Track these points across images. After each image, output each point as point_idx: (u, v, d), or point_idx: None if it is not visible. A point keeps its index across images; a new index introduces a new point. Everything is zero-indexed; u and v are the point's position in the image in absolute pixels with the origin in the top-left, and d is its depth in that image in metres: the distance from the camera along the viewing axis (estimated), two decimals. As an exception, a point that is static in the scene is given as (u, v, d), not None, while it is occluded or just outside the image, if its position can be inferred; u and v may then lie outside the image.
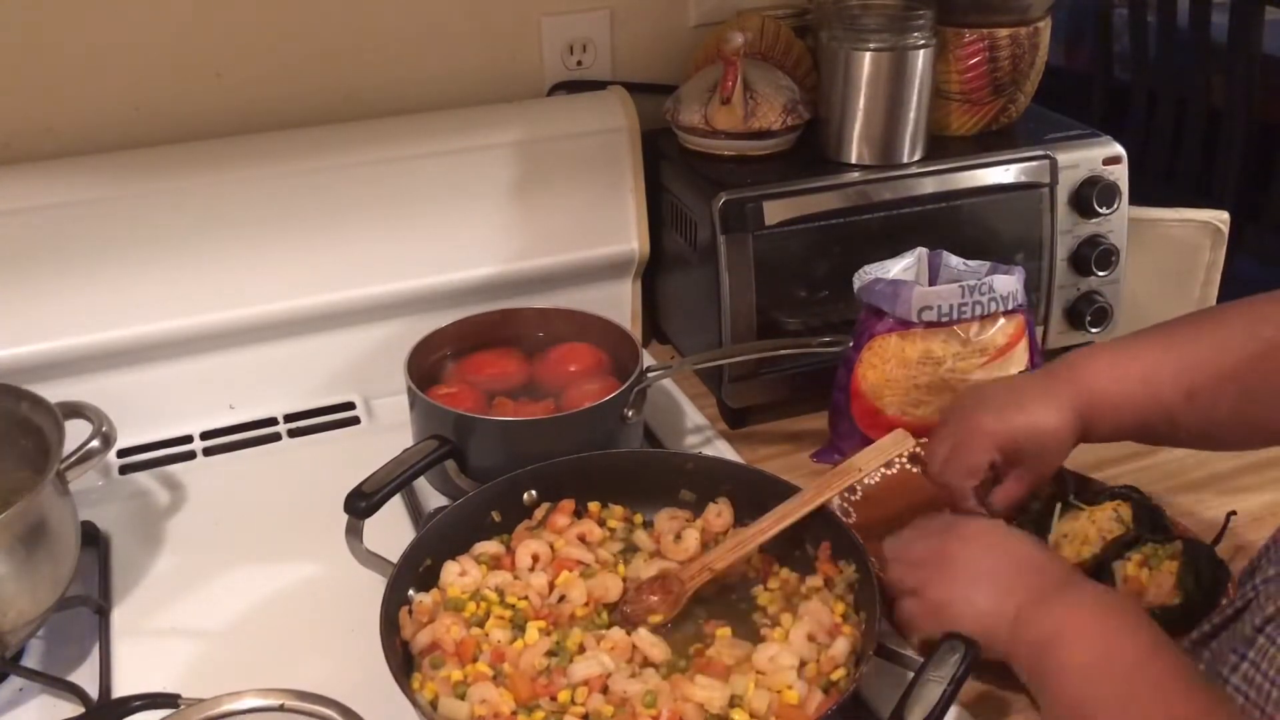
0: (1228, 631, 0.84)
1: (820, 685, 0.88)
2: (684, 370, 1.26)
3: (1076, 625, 0.83)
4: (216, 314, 1.26)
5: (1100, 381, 0.97)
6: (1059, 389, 0.98)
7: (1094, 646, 0.81)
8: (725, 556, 0.98)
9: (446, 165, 1.31)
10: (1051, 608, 0.85)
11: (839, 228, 1.25)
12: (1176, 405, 0.94)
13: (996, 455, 0.99)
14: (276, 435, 1.31)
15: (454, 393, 1.17)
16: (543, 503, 1.06)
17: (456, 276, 1.33)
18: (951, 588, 0.91)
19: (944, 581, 0.92)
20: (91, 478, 1.15)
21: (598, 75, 1.43)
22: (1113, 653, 0.80)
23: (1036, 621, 0.85)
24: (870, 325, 1.18)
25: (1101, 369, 0.98)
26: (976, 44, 1.29)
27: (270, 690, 0.79)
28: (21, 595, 0.95)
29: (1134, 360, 0.98)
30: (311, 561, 1.10)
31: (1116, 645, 0.80)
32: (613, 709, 0.87)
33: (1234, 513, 1.07)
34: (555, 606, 0.97)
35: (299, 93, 1.32)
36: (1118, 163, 1.32)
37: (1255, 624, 0.79)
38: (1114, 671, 0.79)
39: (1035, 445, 0.98)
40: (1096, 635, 0.82)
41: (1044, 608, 0.85)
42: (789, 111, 1.29)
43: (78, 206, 1.19)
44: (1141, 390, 0.96)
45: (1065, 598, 0.86)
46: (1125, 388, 0.96)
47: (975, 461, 0.99)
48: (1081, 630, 0.83)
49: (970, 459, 0.99)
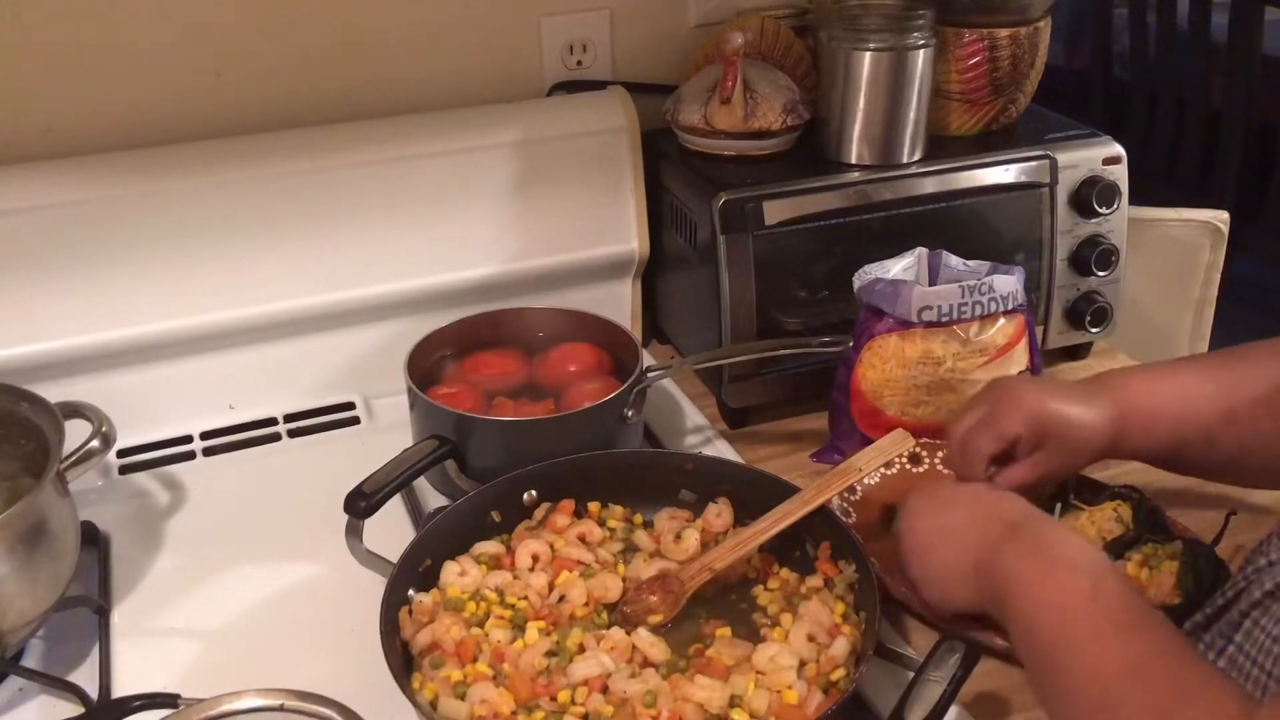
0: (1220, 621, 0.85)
1: (820, 685, 0.88)
2: (684, 370, 1.26)
3: (1020, 573, 0.83)
4: (216, 314, 1.26)
5: (1137, 394, 0.98)
6: (1100, 394, 0.99)
7: (1033, 593, 0.81)
8: (725, 556, 0.98)
9: (446, 165, 1.31)
10: (1000, 558, 0.85)
11: (839, 228, 1.25)
12: (1215, 425, 0.94)
13: (1024, 429, 0.97)
14: (276, 435, 1.31)
15: (454, 393, 1.17)
16: (543, 503, 1.06)
17: (456, 276, 1.33)
18: (920, 561, 0.95)
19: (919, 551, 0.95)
20: (91, 478, 1.15)
21: (598, 75, 1.43)
22: (1051, 598, 0.80)
23: (989, 573, 0.86)
24: (870, 325, 1.18)
25: (1139, 383, 0.99)
26: (976, 44, 1.29)
27: (270, 690, 0.79)
28: (21, 595, 0.95)
29: (1171, 380, 0.98)
30: (311, 561, 1.10)
31: (1054, 590, 0.80)
32: (613, 709, 0.87)
33: (1234, 513, 1.07)
34: (555, 606, 0.97)
35: (299, 93, 1.32)
36: (1118, 163, 1.32)
37: (1242, 609, 0.80)
38: (1058, 616, 0.78)
39: (1062, 431, 0.97)
40: (1036, 581, 0.82)
41: (994, 559, 0.86)
42: (789, 111, 1.29)
43: (78, 206, 1.19)
44: (1178, 406, 0.96)
45: (1012, 545, 0.86)
46: (1162, 402, 0.97)
47: (1004, 429, 0.98)
48: (1024, 578, 0.83)
49: (1000, 426, 0.98)
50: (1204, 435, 0.95)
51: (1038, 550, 0.85)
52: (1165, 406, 0.97)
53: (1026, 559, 0.84)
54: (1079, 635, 0.77)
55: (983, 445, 0.99)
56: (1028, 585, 0.82)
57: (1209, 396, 0.95)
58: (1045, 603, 0.80)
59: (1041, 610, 0.80)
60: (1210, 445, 0.95)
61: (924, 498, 0.99)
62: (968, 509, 0.94)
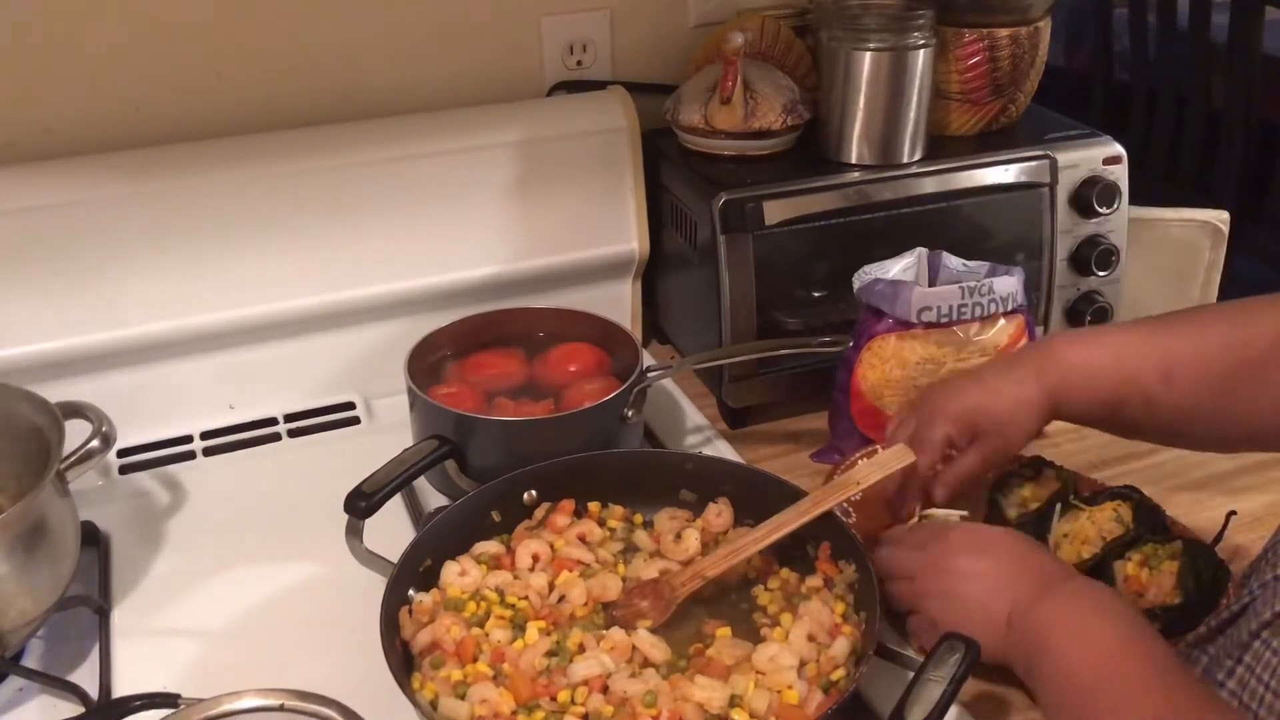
0: (1225, 636, 0.84)
1: (820, 685, 0.88)
2: (684, 370, 1.26)
3: (1060, 625, 0.83)
4: (216, 314, 1.26)
5: (1074, 356, 0.97)
6: (1025, 364, 0.99)
7: (1075, 646, 0.81)
8: (718, 564, 0.98)
9: (446, 165, 1.31)
10: (1037, 609, 0.85)
11: (839, 228, 1.25)
12: (1154, 387, 0.93)
13: (952, 429, 0.99)
14: (276, 435, 1.31)
15: (454, 393, 1.17)
16: (543, 503, 1.06)
17: (456, 276, 1.33)
18: (945, 602, 0.92)
19: (936, 595, 0.93)
20: (91, 478, 1.15)
21: (598, 75, 1.43)
22: (1092, 651, 0.80)
23: (1024, 624, 0.85)
24: (870, 325, 1.18)
25: (1077, 346, 0.98)
26: (976, 44, 1.29)
27: (270, 690, 0.79)
28: (21, 595, 0.95)
29: (1112, 341, 0.97)
30: (311, 561, 1.10)
31: (1097, 643, 0.80)
32: (613, 709, 0.87)
33: (1234, 513, 1.07)
34: (555, 606, 0.97)
35: (299, 93, 1.32)
36: (1118, 163, 1.32)
37: (1251, 629, 0.79)
38: (1093, 671, 0.78)
39: (990, 419, 0.99)
40: (1078, 634, 0.82)
41: (1030, 610, 0.85)
42: (789, 111, 1.29)
43: (78, 206, 1.19)
44: (1117, 367, 0.95)
45: (1050, 598, 0.86)
46: (1102, 364, 0.96)
47: (929, 436, 1.00)
48: (1064, 629, 0.83)
49: (926, 435, 1.00)
50: (1142, 396, 0.94)
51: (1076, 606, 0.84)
52: (1101, 370, 0.96)
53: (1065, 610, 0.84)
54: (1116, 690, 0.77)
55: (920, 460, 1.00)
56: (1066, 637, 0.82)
57: (1147, 357, 0.94)
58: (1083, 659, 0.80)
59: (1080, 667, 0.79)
60: (1149, 406, 0.94)
61: (964, 535, 0.97)
62: (1006, 560, 0.92)
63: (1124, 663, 0.79)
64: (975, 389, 1.00)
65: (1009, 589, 0.88)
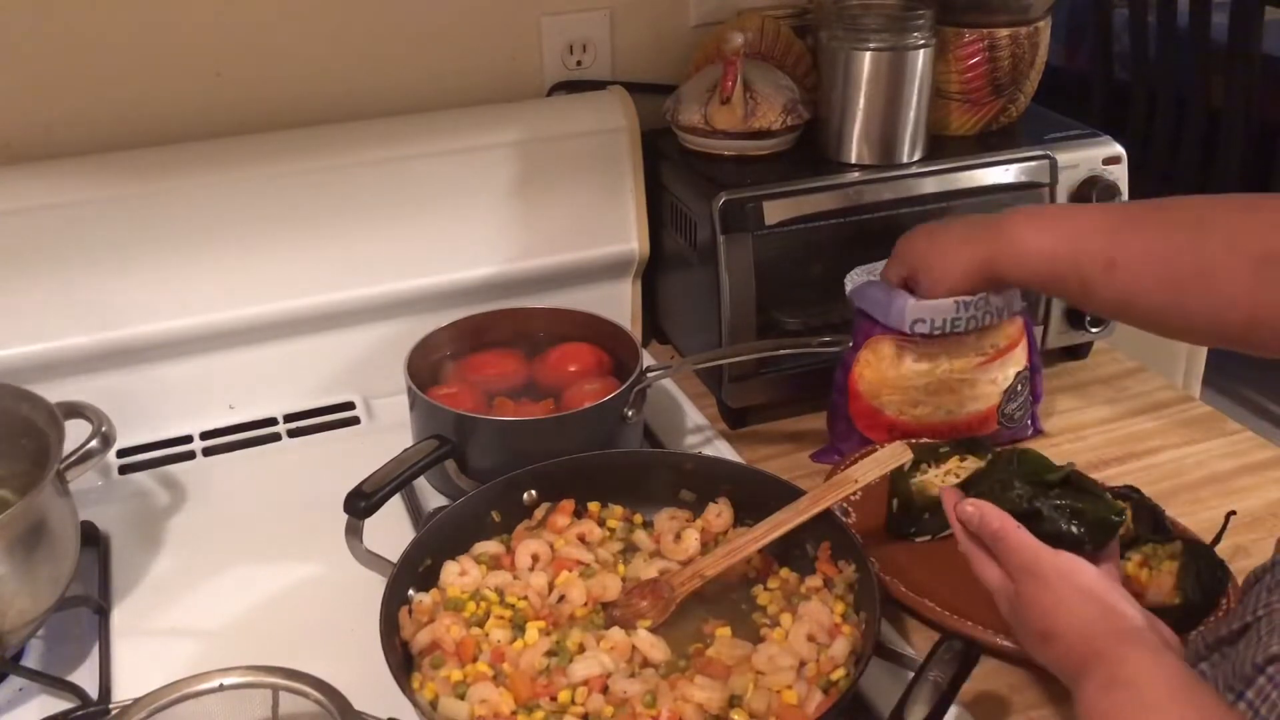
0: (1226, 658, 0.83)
1: (820, 685, 0.88)
2: (684, 370, 1.26)
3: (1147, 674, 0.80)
4: (216, 314, 1.26)
5: (1025, 234, 1.03)
6: (984, 232, 1.06)
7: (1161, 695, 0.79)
8: (717, 564, 0.98)
9: (446, 165, 1.31)
10: (1127, 653, 0.82)
11: (839, 228, 1.25)
12: (1094, 275, 0.96)
13: (903, 271, 1.14)
14: (276, 435, 1.31)
15: (454, 393, 1.17)
16: (543, 503, 1.06)
17: (456, 276, 1.33)
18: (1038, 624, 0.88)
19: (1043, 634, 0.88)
20: (91, 478, 1.15)
21: (598, 75, 1.43)
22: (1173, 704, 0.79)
23: (1110, 664, 0.83)
24: (866, 327, 1.17)
25: (1032, 224, 1.03)
26: (976, 44, 1.29)
27: (257, 668, 0.81)
28: (21, 595, 0.95)
29: (1066, 226, 1.01)
30: (311, 561, 1.10)
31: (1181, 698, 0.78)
32: (613, 709, 0.87)
33: (1234, 513, 1.07)
34: (555, 606, 0.97)
35: (299, 93, 1.32)
36: (1118, 163, 1.32)
37: (1256, 662, 0.77)
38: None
39: (928, 266, 1.11)
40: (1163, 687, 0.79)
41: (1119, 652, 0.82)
42: (789, 111, 1.29)
43: (78, 206, 1.19)
44: (1060, 251, 0.99)
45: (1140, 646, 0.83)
46: (1047, 245, 1.01)
47: (887, 275, 1.16)
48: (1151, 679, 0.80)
49: (886, 273, 1.16)
50: (1079, 280, 0.98)
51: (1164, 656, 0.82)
52: (1042, 250, 1.01)
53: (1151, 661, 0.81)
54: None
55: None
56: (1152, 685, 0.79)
57: (1095, 245, 0.96)
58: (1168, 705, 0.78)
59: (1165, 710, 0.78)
60: (1085, 289, 0.98)
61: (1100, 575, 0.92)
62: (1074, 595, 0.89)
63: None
64: (926, 243, 1.12)
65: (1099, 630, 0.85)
